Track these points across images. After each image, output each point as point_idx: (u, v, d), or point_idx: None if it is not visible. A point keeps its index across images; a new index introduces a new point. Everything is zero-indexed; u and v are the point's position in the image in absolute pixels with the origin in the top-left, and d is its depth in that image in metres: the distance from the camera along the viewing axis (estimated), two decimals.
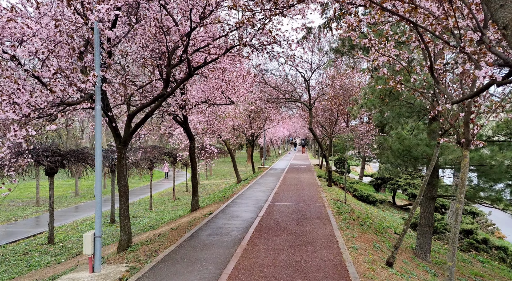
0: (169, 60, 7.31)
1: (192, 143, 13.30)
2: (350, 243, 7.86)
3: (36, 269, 9.82)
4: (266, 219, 9.99)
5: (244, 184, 18.81)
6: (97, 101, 5.78)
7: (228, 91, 12.24)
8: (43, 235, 15.42)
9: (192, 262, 6.42)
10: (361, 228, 9.75)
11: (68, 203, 25.37)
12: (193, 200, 13.22)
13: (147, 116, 7.82)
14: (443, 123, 6.52)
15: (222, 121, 17.59)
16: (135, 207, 23.62)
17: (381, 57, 6.07)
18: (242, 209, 11.40)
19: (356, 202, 16.44)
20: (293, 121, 47.98)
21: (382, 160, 9.51)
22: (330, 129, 24.42)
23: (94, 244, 5.77)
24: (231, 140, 26.93)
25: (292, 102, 23.38)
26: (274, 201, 12.81)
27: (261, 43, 8.00)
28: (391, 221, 14.96)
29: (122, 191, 7.76)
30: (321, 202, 12.93)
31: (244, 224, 9.33)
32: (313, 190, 15.89)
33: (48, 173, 13.76)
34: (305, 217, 10.27)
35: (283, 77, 19.49)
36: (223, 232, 8.56)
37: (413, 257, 9.20)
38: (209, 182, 36.24)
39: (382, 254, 7.90)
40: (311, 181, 19.42)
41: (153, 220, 17.94)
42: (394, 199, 20.93)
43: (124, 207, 7.79)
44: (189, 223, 10.31)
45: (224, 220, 9.92)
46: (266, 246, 7.36)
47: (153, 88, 8.82)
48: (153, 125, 14.15)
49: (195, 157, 13.28)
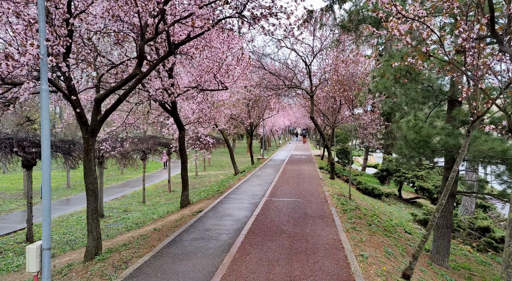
0: (141, 32, 6.04)
1: (182, 132, 12.09)
2: (359, 249, 6.70)
3: (1, 274, 8.71)
4: (261, 218, 8.84)
5: (241, 177, 17.66)
6: (43, 80, 4.55)
7: (220, 75, 10.97)
8: (24, 231, 14.35)
9: (167, 277, 5.26)
10: (369, 228, 8.60)
11: (59, 195, 24.31)
12: (183, 195, 12.06)
13: (119, 101, 6.59)
14: (475, 107, 5.28)
15: (216, 109, 16.34)
16: (127, 200, 22.55)
17: (403, 25, 4.81)
18: (235, 206, 10.25)
19: (360, 196, 15.28)
20: (293, 111, 46.63)
21: (395, 151, 8.29)
22: (332, 118, 23.14)
23: (42, 259, 4.62)
24: (229, 130, 25.71)
25: (293, 91, 22.05)
26: (271, 196, 11.65)
27: (254, 16, 6.73)
28: (399, 216, 13.81)
29: (89, 189, 6.58)
30: (324, 197, 11.77)
31: (235, 225, 8.16)
32: (314, 183, 14.72)
33: (25, 165, 12.59)
34: (306, 216, 9.12)
35: (282, 62, 18.14)
36: (211, 235, 7.40)
37: (429, 262, 8.06)
38: (207, 173, 35.16)
39: (395, 262, 6.75)
40: (312, 173, 18.25)
41: (143, 215, 16.86)
42: (400, 192, 19.78)
43: (92, 208, 6.62)
44: (175, 222, 9.17)
45: (214, 219, 8.76)
46: (259, 255, 6.20)
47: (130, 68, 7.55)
48: (139, 113, 12.92)
49: (185, 148, 12.08)
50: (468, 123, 8.11)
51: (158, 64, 6.80)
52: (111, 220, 16.42)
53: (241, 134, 51.09)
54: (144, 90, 9.55)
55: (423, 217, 12.83)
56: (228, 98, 14.41)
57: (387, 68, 7.20)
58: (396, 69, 6.76)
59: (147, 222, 12.34)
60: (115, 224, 15.26)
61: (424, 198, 18.87)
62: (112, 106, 6.62)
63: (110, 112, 6.63)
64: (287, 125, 66.46)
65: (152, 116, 14.05)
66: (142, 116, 13.14)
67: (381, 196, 17.20)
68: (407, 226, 11.78)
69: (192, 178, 31.84)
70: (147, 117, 13.49)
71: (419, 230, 12.09)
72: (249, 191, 12.83)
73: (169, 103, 11.87)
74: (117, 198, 23.27)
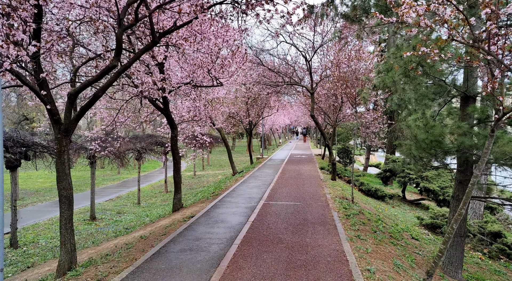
0: (119, 18, 5.33)
1: (174, 132, 11.37)
2: (364, 263, 5.99)
3: None
4: (257, 225, 8.12)
5: (238, 177, 16.94)
6: None
7: (214, 71, 10.26)
8: (8, 236, 13.67)
9: None
10: (375, 236, 7.88)
11: (52, 196, 23.60)
12: (175, 198, 11.35)
13: (95, 97, 5.88)
14: (501, 103, 4.56)
15: (212, 107, 15.62)
16: (122, 201, 21.87)
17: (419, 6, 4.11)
18: (230, 211, 9.53)
19: (363, 198, 14.57)
20: (294, 109, 45.88)
21: (402, 152, 7.57)
22: (333, 116, 22.39)
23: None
24: (227, 129, 24.99)
25: (293, 89, 21.30)
26: (269, 200, 10.94)
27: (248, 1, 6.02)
28: (404, 220, 13.10)
29: (63, 195, 5.88)
30: (325, 200, 11.06)
31: (229, 233, 7.45)
32: (315, 184, 14.01)
33: (8, 167, 11.89)
34: (306, 222, 8.40)
35: (282, 58, 17.39)
36: (201, 245, 6.69)
37: (441, 274, 7.34)
38: (206, 173, 34.47)
39: (405, 276, 6.03)
40: (313, 173, 17.53)
41: (137, 217, 16.17)
42: (404, 193, 19.05)
43: (66, 217, 5.91)
44: (163, 229, 8.46)
45: (205, 226, 8.05)
46: (252, 270, 5.48)
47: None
48: (129, 111, 12.19)
49: (177, 148, 11.36)
50: (484, 122, 7.41)
51: (140, 56, 6.09)
52: (103, 222, 15.74)
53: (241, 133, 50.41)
54: (131, 85, 8.82)
55: (430, 221, 12.11)
56: (224, 95, 13.66)
57: (396, 60, 6.48)
58: (406, 61, 6.03)
59: (137, 227, 11.64)
60: (106, 227, 14.58)
61: (429, 199, 18.14)
62: (88, 103, 5.90)
63: (86, 110, 5.92)
64: (288, 124, 65.73)
65: (144, 114, 13.34)
66: (133, 115, 12.42)
67: (384, 198, 16.49)
68: (413, 231, 11.07)
69: (190, 178, 31.15)
70: (138, 115, 12.77)
71: (426, 235, 11.37)
72: (246, 193, 12.12)
73: (160, 101, 11.17)
74: (112, 199, 22.59)
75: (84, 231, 14.06)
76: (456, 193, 7.53)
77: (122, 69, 5.92)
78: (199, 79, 10.09)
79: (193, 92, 11.15)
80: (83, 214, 17.67)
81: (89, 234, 13.37)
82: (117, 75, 5.93)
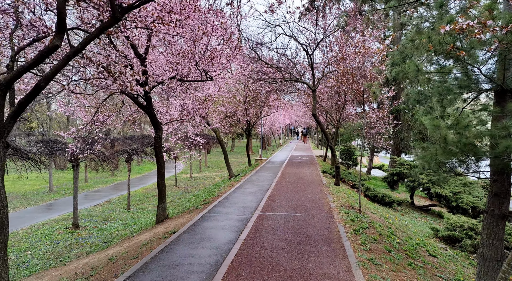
0: None
1: (158, 132, 10.04)
2: None
3: None
4: (249, 244, 6.78)
5: (234, 182, 15.60)
6: None
7: (203, 63, 8.94)
8: None
9: None
10: (391, 259, 6.54)
11: (38, 201, 22.30)
12: (159, 208, 10.00)
13: (37, 88, 4.55)
14: None
15: (203, 105, 14.30)
16: (111, 205, 20.52)
17: None
18: (219, 225, 8.20)
19: (370, 205, 13.22)
20: (294, 109, 44.51)
21: (425, 158, 6.21)
22: (336, 116, 21.05)
23: None
24: (223, 129, 23.66)
25: (292, 87, 19.95)
26: (266, 210, 9.61)
27: None
28: (417, 231, 11.76)
29: None
30: (329, 210, 9.73)
31: (214, 257, 6.12)
32: (317, 191, 12.67)
33: None
34: (308, 240, 7.07)
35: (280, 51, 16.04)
36: (176, 276, 5.34)
37: None
38: (203, 175, 33.15)
39: None
40: (315, 177, 16.19)
41: (123, 225, 14.87)
42: (412, 199, 17.70)
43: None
44: (138, 249, 7.13)
45: (187, 247, 6.71)
46: None
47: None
48: (110, 110, 10.87)
49: (161, 151, 10.03)
50: None
51: (96, 36, 4.76)
52: (86, 231, 14.42)
53: (241, 134, 49.01)
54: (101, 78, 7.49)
55: (447, 233, 10.76)
56: (217, 93, 12.32)
57: (421, 43, 5.13)
58: (441, 40, 4.68)
59: (115, 241, 10.31)
60: (88, 237, 13.26)
61: (440, 206, 16.80)
62: (28, 96, 4.57)
63: (25, 104, 4.59)
64: (288, 124, 64.38)
65: (128, 113, 12.03)
66: (114, 113, 11.08)
67: (392, 204, 15.16)
68: (429, 245, 9.73)
69: (186, 180, 29.82)
70: (120, 114, 11.45)
71: (443, 249, 10.04)
72: (240, 201, 10.78)
73: (142, 96, 9.87)
74: (101, 204, 21.24)
75: (63, 241, 12.74)
76: (491, 207, 6.19)
77: (72, 52, 4.59)
78: (184, 72, 8.76)
79: (178, 88, 9.82)
80: (66, 220, 16.36)
81: (66, 245, 12.05)
82: (66, 60, 4.60)
